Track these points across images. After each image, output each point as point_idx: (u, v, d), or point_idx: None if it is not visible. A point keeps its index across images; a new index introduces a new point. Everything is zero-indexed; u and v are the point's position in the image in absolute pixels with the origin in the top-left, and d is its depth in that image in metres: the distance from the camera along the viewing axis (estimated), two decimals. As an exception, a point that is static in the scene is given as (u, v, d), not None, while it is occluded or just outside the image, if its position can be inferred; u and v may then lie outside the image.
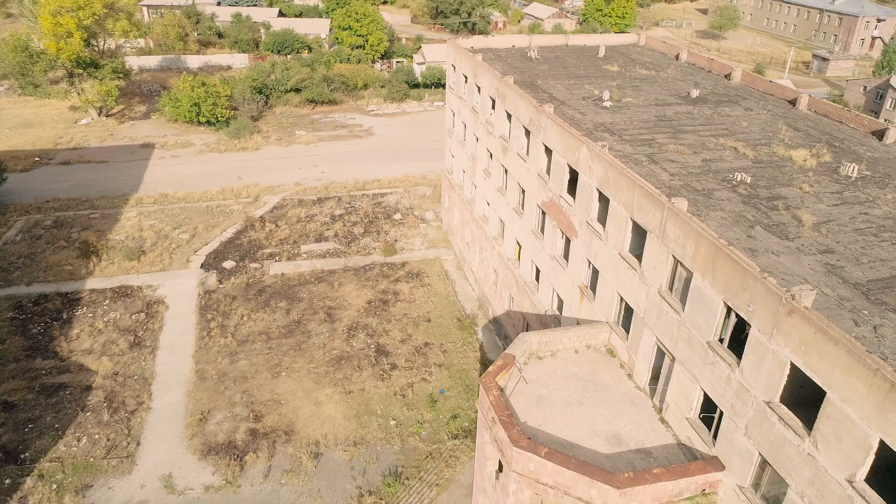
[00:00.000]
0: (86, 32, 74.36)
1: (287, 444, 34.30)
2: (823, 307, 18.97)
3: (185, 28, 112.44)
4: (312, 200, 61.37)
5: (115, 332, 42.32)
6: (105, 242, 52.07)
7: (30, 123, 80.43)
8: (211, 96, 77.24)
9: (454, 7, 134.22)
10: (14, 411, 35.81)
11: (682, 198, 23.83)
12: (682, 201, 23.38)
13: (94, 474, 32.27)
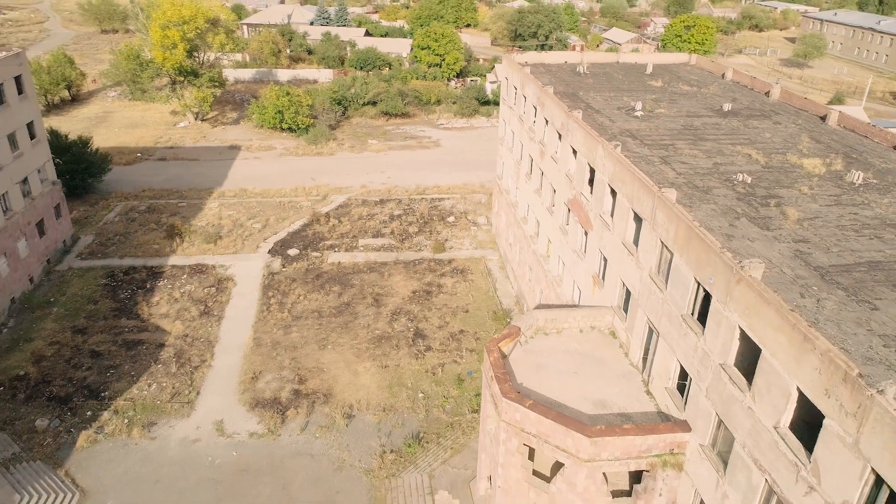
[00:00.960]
0: (188, 44, 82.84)
1: (324, 405, 38.31)
2: (776, 282, 21.14)
3: (279, 44, 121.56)
4: (375, 201, 66.10)
5: (189, 301, 47.93)
6: (188, 227, 58.41)
7: (136, 124, 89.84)
8: (294, 105, 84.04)
9: (532, 31, 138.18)
10: (99, 359, 41.60)
11: (672, 188, 26.33)
12: (671, 191, 25.91)
13: (159, 414, 37.29)
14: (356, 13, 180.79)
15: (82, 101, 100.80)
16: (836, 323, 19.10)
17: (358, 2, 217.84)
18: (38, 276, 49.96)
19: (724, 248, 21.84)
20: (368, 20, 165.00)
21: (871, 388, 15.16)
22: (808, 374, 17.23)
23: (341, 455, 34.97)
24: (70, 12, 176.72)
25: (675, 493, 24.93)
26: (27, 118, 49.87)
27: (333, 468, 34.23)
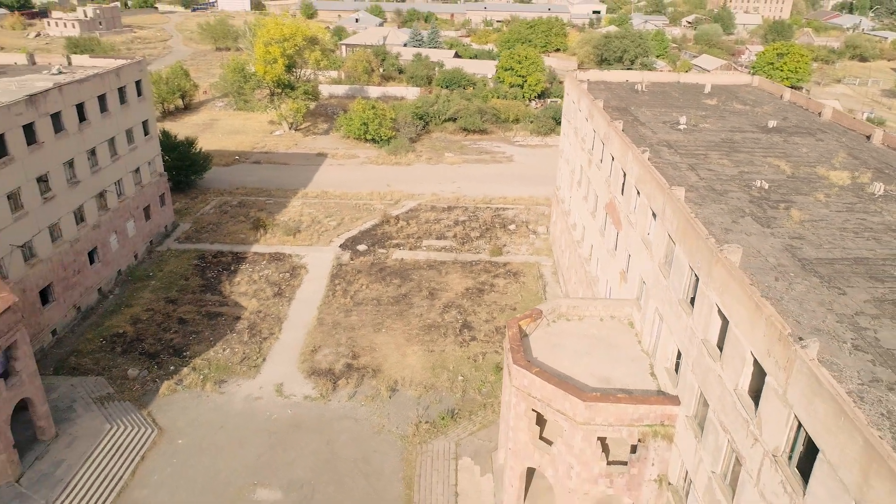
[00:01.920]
0: (287, 60, 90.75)
1: (372, 379, 42.35)
2: (756, 267, 23.32)
3: (372, 64, 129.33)
4: (443, 208, 70.33)
5: (266, 283, 53.54)
6: (272, 220, 64.63)
7: (237, 131, 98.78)
8: (378, 118, 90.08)
9: (617, 55, 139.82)
10: (185, 325, 47.57)
11: (682, 188, 28.76)
12: (679, 189, 28.38)
13: (229, 374, 42.51)
14: (449, 36, 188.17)
15: (193, 109, 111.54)
16: (799, 302, 21.17)
17: (452, 26, 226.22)
18: (141, 253, 57.18)
19: (715, 238, 24.22)
20: (460, 43, 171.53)
21: (796, 344, 17.43)
22: (757, 338, 19.52)
23: (381, 421, 38.80)
24: (191, 32, 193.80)
25: (666, 465, 27.07)
26: (143, 117, 57.52)
27: (373, 431, 38.08)
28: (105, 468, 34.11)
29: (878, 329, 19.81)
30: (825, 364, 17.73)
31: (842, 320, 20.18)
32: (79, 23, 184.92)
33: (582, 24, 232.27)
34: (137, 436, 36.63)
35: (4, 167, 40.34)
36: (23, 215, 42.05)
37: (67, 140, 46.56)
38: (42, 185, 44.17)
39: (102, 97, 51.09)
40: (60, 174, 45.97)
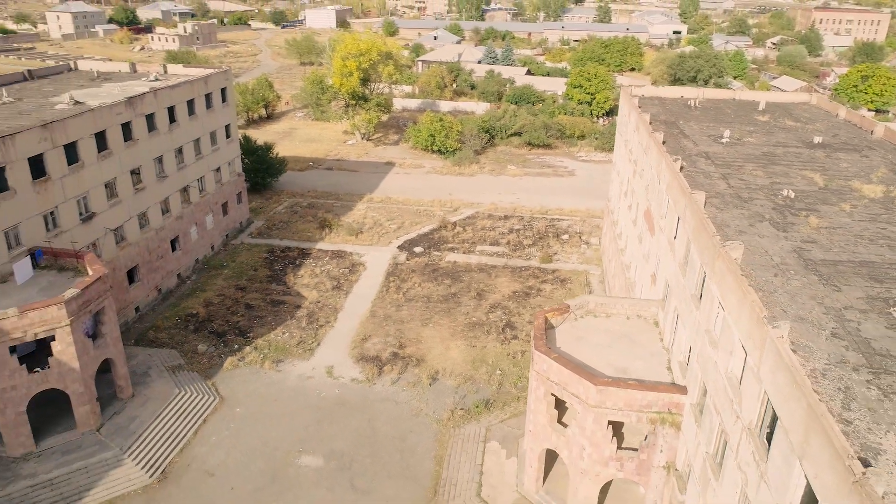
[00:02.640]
0: (362, 73, 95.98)
1: (415, 367, 45.23)
2: (758, 264, 24.81)
3: (445, 79, 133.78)
4: (499, 216, 72.86)
5: (326, 277, 57.54)
6: (337, 221, 68.95)
7: (313, 139, 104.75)
8: (445, 130, 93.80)
9: (690, 75, 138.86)
10: (251, 310, 51.99)
11: (702, 192, 30.36)
12: (700, 194, 30.01)
13: (286, 355, 46.37)
14: (524, 54, 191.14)
15: (276, 118, 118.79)
16: (792, 295, 22.61)
17: (529, 44, 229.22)
18: (217, 245, 62.47)
19: (725, 237, 25.84)
20: (533, 61, 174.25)
21: (768, 325, 19.10)
22: (743, 323, 21.19)
23: (420, 406, 41.57)
24: (279, 47, 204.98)
25: (674, 453, 28.56)
26: (226, 121, 63.07)
27: (411, 414, 40.89)
28: (172, 426, 38.34)
29: (861, 321, 21.07)
30: (798, 346, 19.29)
31: (828, 312, 21.53)
32: (178, 38, 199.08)
33: (661, 45, 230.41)
34: (201, 402, 40.82)
35: (104, 159, 45.92)
36: (117, 203, 47.55)
37: (158, 139, 52.11)
38: (135, 177, 49.69)
39: (191, 102, 56.68)
40: (151, 169, 51.49)
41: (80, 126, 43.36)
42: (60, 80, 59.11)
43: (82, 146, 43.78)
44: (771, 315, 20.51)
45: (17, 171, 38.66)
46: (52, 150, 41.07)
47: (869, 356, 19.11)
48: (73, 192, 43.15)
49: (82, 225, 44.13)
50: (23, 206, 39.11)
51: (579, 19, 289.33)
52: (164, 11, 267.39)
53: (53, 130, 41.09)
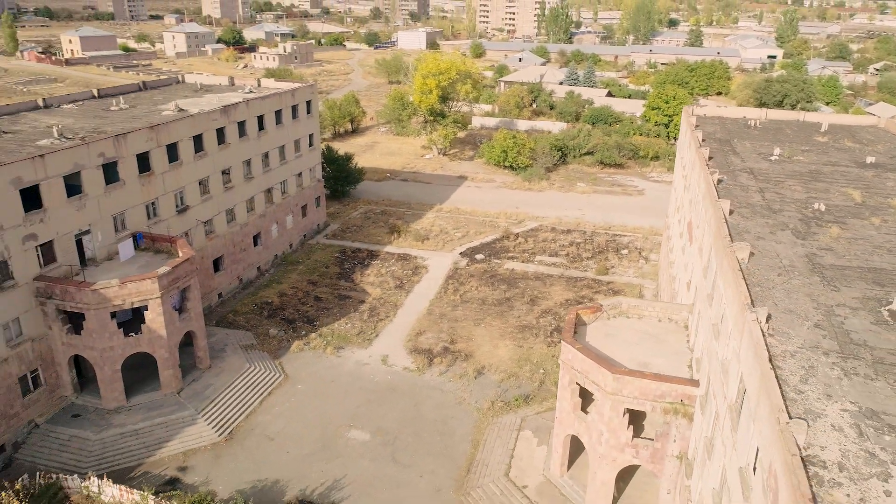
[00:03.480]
0: (441, 91, 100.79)
1: (463, 362, 48.31)
2: (765, 265, 26.53)
3: (524, 99, 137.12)
4: (562, 230, 75.09)
5: (390, 277, 61.69)
6: (406, 227, 73.27)
7: (393, 153, 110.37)
8: (517, 147, 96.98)
9: (777, 99, 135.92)
10: (319, 302, 56.72)
11: (727, 200, 32.13)
12: (725, 202, 31.82)
13: (347, 343, 50.55)
14: (609, 77, 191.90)
15: (360, 132, 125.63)
16: (788, 291, 24.32)
17: (614, 67, 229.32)
18: (295, 243, 68.00)
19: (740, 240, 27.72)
20: (616, 83, 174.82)
21: (748, 310, 21.14)
22: (734, 312, 23.18)
23: (463, 395, 44.57)
24: (369, 66, 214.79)
25: (687, 443, 30.27)
26: (309, 131, 68.85)
27: (455, 402, 43.96)
28: (241, 395, 43.07)
29: (848, 317, 22.60)
30: (777, 332, 21.20)
31: (818, 307, 23.17)
32: (278, 56, 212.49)
33: (753, 69, 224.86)
34: (268, 377, 45.47)
35: (200, 160, 51.99)
36: (208, 198, 53.51)
37: (248, 143, 58.06)
38: (225, 176, 55.67)
39: (278, 112, 62.63)
40: (240, 170, 57.42)
41: (181, 129, 49.54)
42: (169, 91, 66.59)
43: (182, 147, 49.92)
44: (759, 306, 22.42)
45: (127, 166, 44.88)
46: (156, 149, 47.27)
47: (843, 344, 20.76)
48: (171, 186, 49.25)
49: (178, 216, 50.15)
50: (130, 195, 45.27)
51: (669, 43, 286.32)
52: (268, 32, 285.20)
53: (158, 132, 47.32)
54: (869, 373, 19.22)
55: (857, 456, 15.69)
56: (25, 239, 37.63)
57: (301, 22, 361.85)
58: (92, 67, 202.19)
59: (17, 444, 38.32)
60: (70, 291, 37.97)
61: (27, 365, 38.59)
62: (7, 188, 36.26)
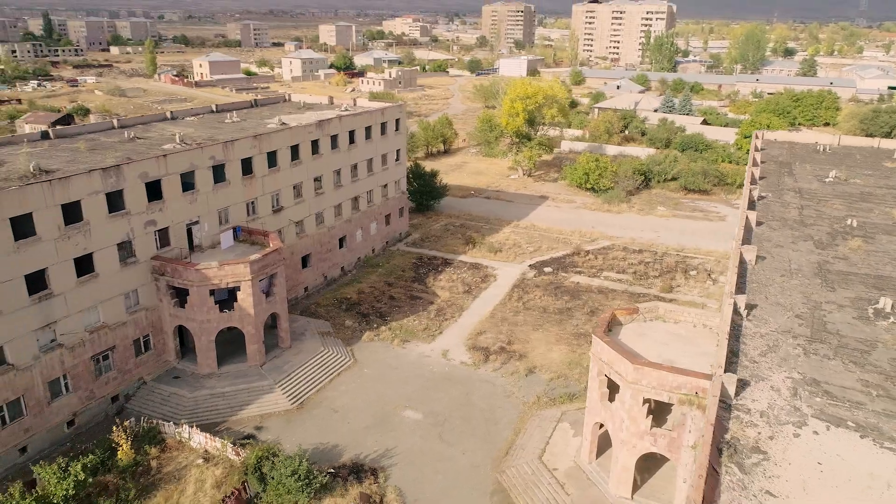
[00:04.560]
0: (528, 114, 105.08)
1: (517, 361, 51.77)
2: (772, 267, 28.83)
3: (614, 125, 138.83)
4: (633, 250, 76.89)
5: (460, 283, 66.14)
6: (481, 239, 77.64)
7: (480, 173, 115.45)
8: (599, 169, 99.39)
9: (885, 130, 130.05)
10: (392, 300, 61.99)
11: (754, 211, 34.33)
12: (752, 213, 34.07)
13: (412, 337, 55.29)
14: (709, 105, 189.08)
15: (451, 153, 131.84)
16: (784, 289, 26.65)
17: (717, 96, 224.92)
18: (378, 248, 73.97)
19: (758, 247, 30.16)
20: (714, 112, 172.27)
21: (730, 297, 23.88)
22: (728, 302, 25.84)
23: (512, 390, 48.05)
24: (469, 92, 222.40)
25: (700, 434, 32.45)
26: (397, 147, 75.00)
27: (504, 395, 47.51)
28: (314, 373, 48.64)
29: (833, 312, 24.75)
30: (756, 318, 23.82)
31: (807, 302, 25.42)
32: (384, 81, 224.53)
33: (869, 100, 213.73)
34: (339, 360, 50.89)
35: (295, 167, 58.87)
36: (301, 202, 60.27)
37: (338, 155, 64.67)
38: (316, 183, 62.36)
39: (368, 128, 69.09)
40: (330, 178, 64.03)
41: (280, 139, 56.58)
42: (276, 108, 74.86)
43: (280, 155, 56.93)
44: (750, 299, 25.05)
45: (232, 169, 52.11)
46: (258, 156, 54.40)
47: (816, 332, 23.09)
48: (269, 188, 56.23)
49: (273, 215, 57.05)
50: (233, 194, 52.44)
51: (780, 72, 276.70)
52: (376, 59, 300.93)
53: (261, 141, 54.48)
54: (828, 353, 21.55)
55: (783, 409, 18.41)
56: (147, 224, 45.14)
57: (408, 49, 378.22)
58: (217, 89, 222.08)
59: (129, 395, 45.57)
60: (179, 270, 45.04)
61: (141, 330, 45.93)
62: (136, 181, 43.88)
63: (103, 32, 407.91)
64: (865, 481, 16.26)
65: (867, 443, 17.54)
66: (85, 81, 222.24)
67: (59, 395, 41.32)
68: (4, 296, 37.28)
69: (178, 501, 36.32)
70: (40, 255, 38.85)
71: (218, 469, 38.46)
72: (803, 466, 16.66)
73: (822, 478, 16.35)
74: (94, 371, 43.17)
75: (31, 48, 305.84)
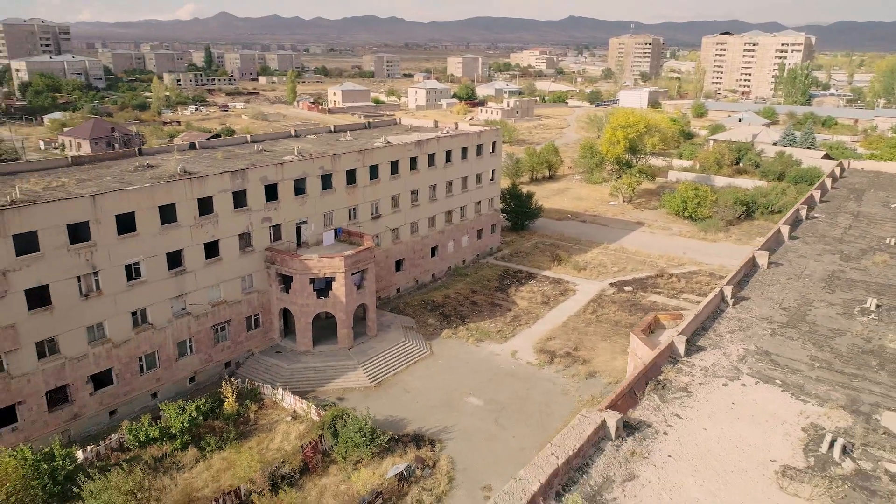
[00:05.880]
0: (628, 143, 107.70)
1: (580, 365, 55.43)
2: (783, 271, 31.59)
3: (724, 157, 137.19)
4: (720, 276, 77.54)
5: (540, 295, 70.51)
6: (568, 257, 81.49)
7: (581, 198, 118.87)
8: (697, 198, 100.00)
9: None
10: (474, 305, 67.51)
11: (788, 225, 36.78)
12: (785, 227, 36.60)
13: (486, 338, 60.41)
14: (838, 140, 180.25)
15: (556, 179, 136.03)
16: (783, 288, 29.54)
17: (852, 131, 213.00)
18: (468, 260, 79.91)
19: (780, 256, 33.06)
20: (840, 146, 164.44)
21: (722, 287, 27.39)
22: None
23: (570, 389, 51.86)
24: (583, 121, 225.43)
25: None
26: (492, 167, 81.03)
27: (561, 393, 51.44)
28: (393, 359, 55.02)
29: (820, 308, 27.50)
30: (741, 306, 27.15)
31: (800, 299, 28.29)
32: (501, 111, 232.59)
33: None
34: (418, 351, 56.98)
35: (394, 180, 66.34)
36: (397, 211, 67.57)
37: (435, 172, 71.60)
38: (413, 196, 69.51)
39: (465, 149, 75.65)
40: (426, 192, 71.01)
41: (381, 155, 64.31)
42: (386, 130, 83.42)
43: (381, 168, 64.60)
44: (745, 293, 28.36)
45: (338, 178, 60.23)
46: (361, 168, 62.31)
47: (794, 321, 26.13)
48: (369, 197, 63.93)
49: (371, 221, 64.65)
50: (338, 200, 60.50)
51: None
52: (497, 89, 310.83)
53: (364, 155, 62.41)
54: (794, 336, 24.69)
55: (724, 367, 22.10)
56: (264, 220, 53.85)
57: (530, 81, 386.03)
58: (347, 115, 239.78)
59: (239, 363, 54.09)
60: (286, 259, 53.24)
61: (253, 309, 54.48)
62: (257, 183, 52.73)
63: (254, 64, 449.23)
64: (765, 417, 19.53)
65: (785, 395, 20.73)
66: (234, 107, 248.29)
67: (184, 355, 50.38)
68: (151, 268, 46.77)
69: (267, 446, 43.61)
70: (179, 238, 48.20)
71: (302, 425, 45.51)
72: (717, 404, 20.23)
73: (729, 412, 19.83)
74: (213, 338, 52.02)
75: (192, 77, 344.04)
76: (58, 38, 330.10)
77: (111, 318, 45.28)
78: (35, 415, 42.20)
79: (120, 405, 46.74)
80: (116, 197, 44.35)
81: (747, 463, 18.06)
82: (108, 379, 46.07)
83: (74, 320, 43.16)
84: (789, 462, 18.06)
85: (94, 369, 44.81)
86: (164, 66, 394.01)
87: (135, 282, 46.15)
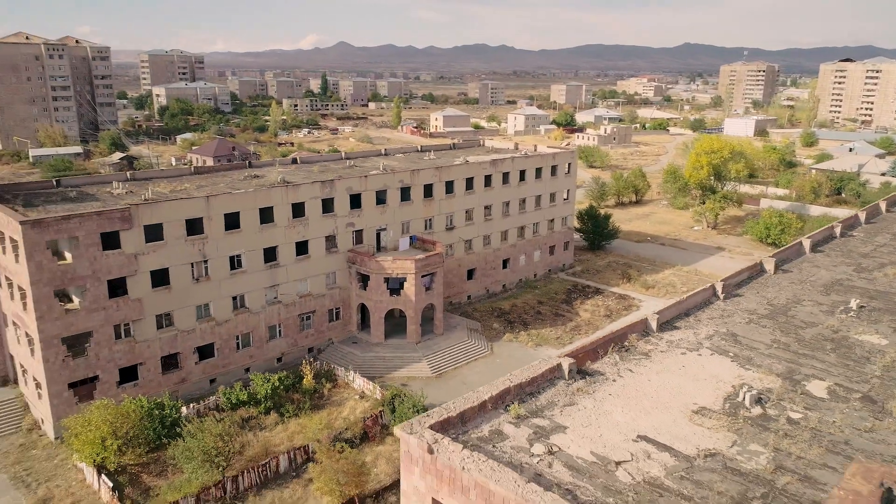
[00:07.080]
0: (712, 168, 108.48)
1: (630, 372, 58.65)
2: (787, 277, 34.61)
3: (822, 186, 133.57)
4: (792, 300, 77.68)
5: (603, 308, 73.94)
6: (637, 276, 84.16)
7: (664, 222, 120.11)
8: (782, 225, 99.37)
9: None
10: (538, 315, 72.00)
11: (809, 239, 39.38)
12: (807, 240, 39.27)
13: (545, 343, 64.78)
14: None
15: (642, 203, 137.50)
16: (780, 289, 32.71)
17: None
18: (539, 274, 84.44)
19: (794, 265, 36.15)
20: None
21: (715, 283, 31.21)
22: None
23: (617, 392, 55.27)
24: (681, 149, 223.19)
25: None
26: (566, 187, 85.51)
27: (607, 394, 54.97)
28: (455, 355, 60.62)
29: (808, 306, 30.59)
30: (731, 300, 30.80)
31: (791, 297, 31.45)
32: (598, 137, 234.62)
33: None
34: (479, 350, 62.30)
35: (469, 195, 72.48)
36: (471, 224, 73.58)
37: (508, 189, 77.12)
38: (486, 210, 75.32)
39: (539, 169, 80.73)
40: (499, 208, 76.61)
41: (457, 172, 70.71)
42: (469, 151, 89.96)
43: (457, 184, 70.95)
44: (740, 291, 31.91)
45: (416, 191, 67.08)
46: (437, 183, 68.91)
47: (776, 314, 29.52)
48: (444, 210, 70.35)
49: (446, 232, 70.96)
50: (415, 211, 67.30)
51: None
52: (597, 116, 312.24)
53: (440, 171, 69.01)
54: (768, 325, 28.20)
55: (688, 342, 26.18)
56: (348, 225, 61.40)
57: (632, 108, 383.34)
58: (447, 139, 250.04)
59: (320, 350, 61.58)
60: (364, 260, 60.41)
61: (334, 303, 61.94)
62: (343, 192, 60.43)
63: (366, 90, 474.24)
64: (706, 378, 23.28)
65: (733, 364, 24.33)
66: (343, 130, 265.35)
67: (274, 338, 58.38)
68: (250, 260, 55.18)
69: (336, 417, 50.33)
70: (275, 236, 56.45)
71: (367, 403, 51.97)
72: (669, 366, 24.24)
73: (677, 372, 23.74)
74: (299, 325, 59.79)
75: (308, 103, 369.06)
76: (193, 66, 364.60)
77: (216, 301, 53.88)
78: (152, 375, 51.15)
79: (219, 375, 55.13)
80: (225, 198, 53.15)
81: (672, 403, 22.11)
82: (211, 352, 54.62)
83: (187, 299, 52.01)
84: (707, 406, 21.95)
85: (199, 342, 53.45)
86: (284, 92, 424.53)
87: (236, 271, 54.65)
